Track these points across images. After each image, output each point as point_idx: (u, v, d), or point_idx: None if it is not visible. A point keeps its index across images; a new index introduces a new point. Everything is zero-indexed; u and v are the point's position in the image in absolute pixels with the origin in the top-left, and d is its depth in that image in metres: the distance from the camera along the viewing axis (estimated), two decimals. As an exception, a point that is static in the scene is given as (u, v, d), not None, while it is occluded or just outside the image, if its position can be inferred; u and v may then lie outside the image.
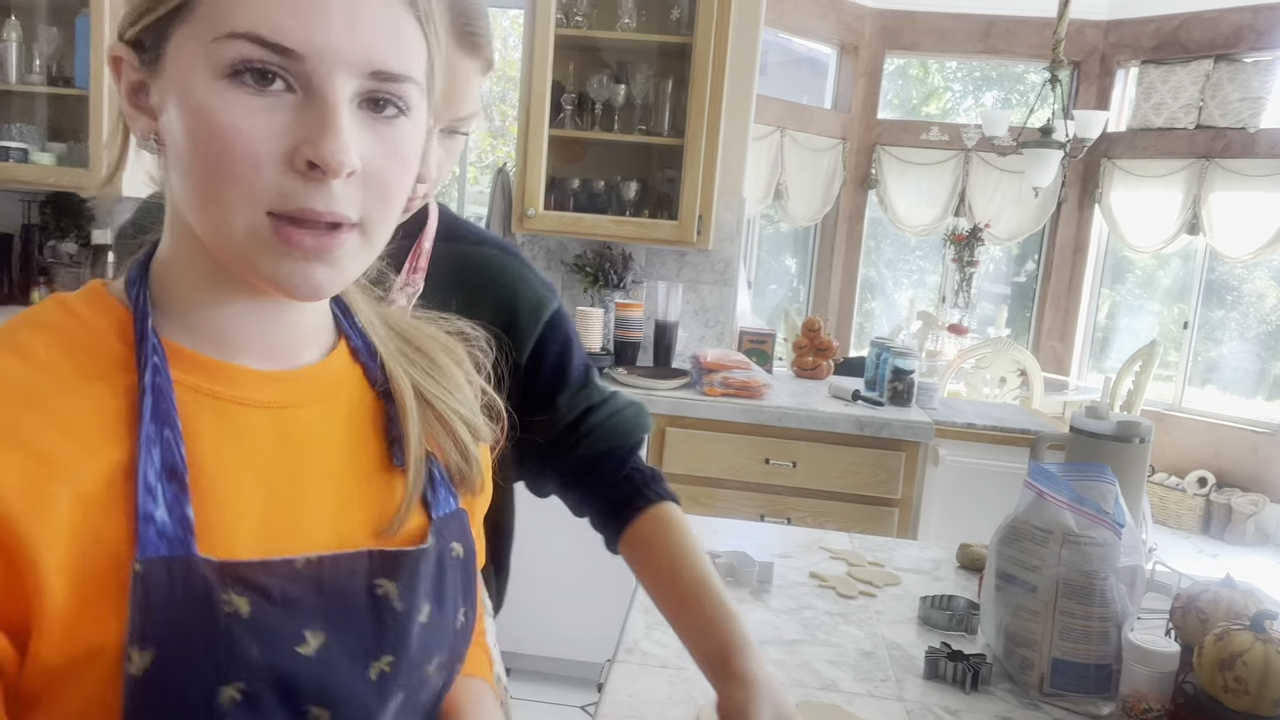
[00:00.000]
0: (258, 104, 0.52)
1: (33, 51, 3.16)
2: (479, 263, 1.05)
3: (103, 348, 0.57)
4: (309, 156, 0.53)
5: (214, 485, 0.57)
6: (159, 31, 0.54)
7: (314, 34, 0.52)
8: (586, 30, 3.02)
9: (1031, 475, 1.16)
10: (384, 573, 0.61)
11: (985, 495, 2.73)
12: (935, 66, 7.39)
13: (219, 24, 0.52)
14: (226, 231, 0.55)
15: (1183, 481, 5.76)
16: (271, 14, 0.51)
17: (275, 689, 0.55)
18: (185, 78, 0.53)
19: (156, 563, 0.52)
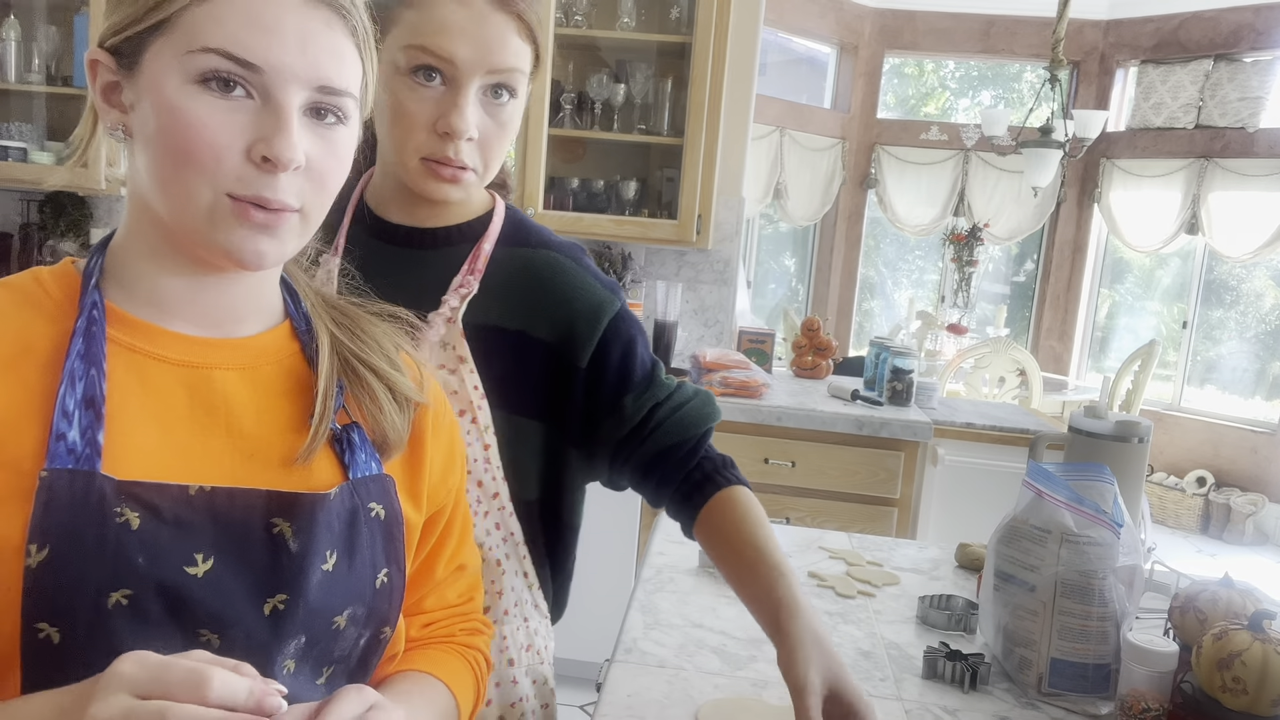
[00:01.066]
0: (221, 105, 0.64)
1: (32, 51, 3.16)
2: (538, 267, 1.05)
3: (51, 305, 0.67)
4: (264, 152, 0.64)
5: (115, 419, 0.65)
6: (138, 42, 0.64)
7: (271, 53, 0.64)
8: (586, 29, 3.02)
9: (1030, 475, 1.16)
10: (280, 513, 0.67)
11: (984, 495, 2.73)
12: (931, 65, 7.39)
13: (193, 40, 0.63)
14: (189, 208, 0.65)
15: (1181, 481, 5.76)
16: (238, 34, 0.63)
17: (162, 602, 0.62)
18: (160, 81, 0.64)
19: (61, 474, 0.61)
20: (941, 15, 6.35)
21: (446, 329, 1.01)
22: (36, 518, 0.60)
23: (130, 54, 0.65)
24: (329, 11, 0.66)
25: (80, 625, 0.60)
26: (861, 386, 2.97)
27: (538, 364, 1.03)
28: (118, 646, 0.59)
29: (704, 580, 1.40)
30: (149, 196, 0.67)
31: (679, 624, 1.24)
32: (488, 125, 0.96)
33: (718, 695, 1.06)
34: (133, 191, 0.70)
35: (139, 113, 0.66)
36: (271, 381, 0.72)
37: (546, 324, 1.03)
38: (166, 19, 0.63)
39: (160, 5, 0.63)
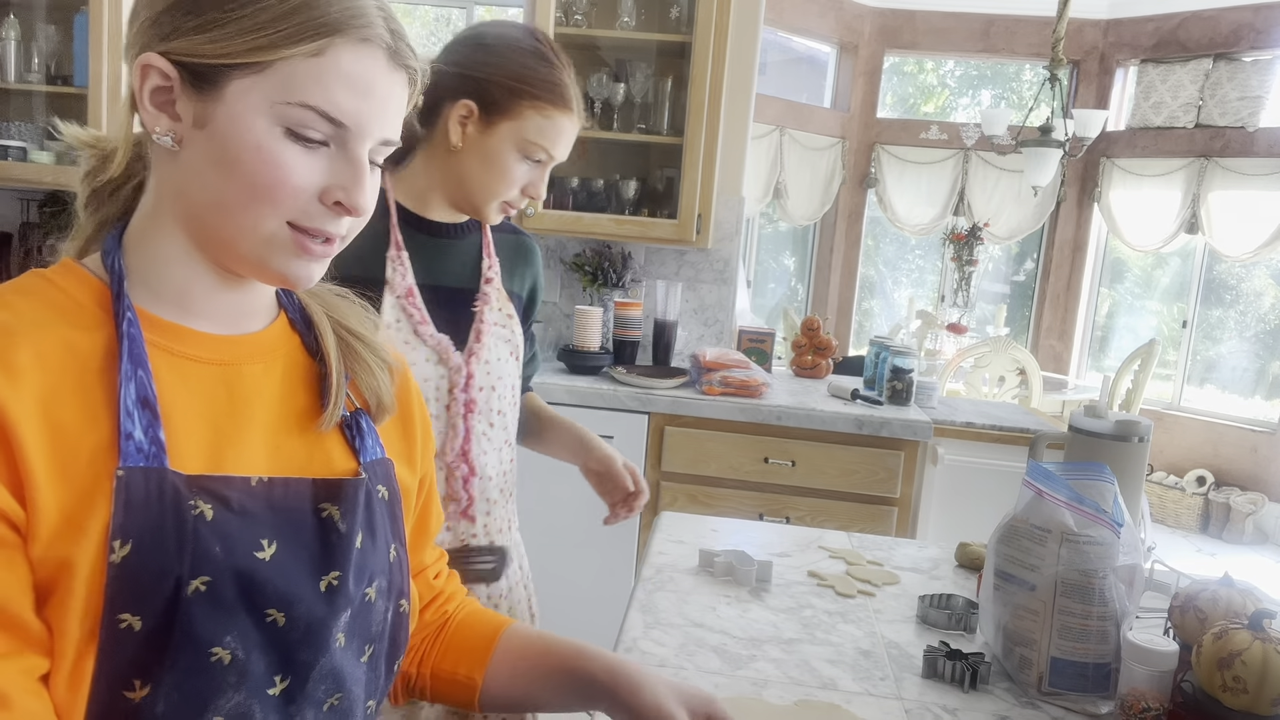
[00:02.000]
0: (304, 153, 0.68)
1: (31, 50, 3.16)
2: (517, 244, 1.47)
3: (80, 309, 0.69)
4: (340, 199, 0.70)
5: (169, 419, 0.69)
6: (222, 72, 0.67)
7: (361, 115, 0.69)
8: (586, 29, 3.02)
9: (1030, 474, 1.16)
10: (327, 498, 0.74)
11: (984, 494, 2.73)
12: (930, 65, 7.39)
13: (291, 92, 0.66)
14: (251, 235, 0.69)
15: (1181, 480, 5.76)
16: (336, 97, 0.67)
17: (236, 586, 0.67)
18: (245, 119, 0.66)
19: (136, 472, 0.64)
20: (941, 15, 6.35)
21: (497, 296, 1.37)
22: (118, 515, 0.63)
23: (208, 79, 0.67)
24: (405, 76, 0.72)
25: (161, 613, 0.64)
26: (861, 386, 2.97)
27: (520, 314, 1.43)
28: (195, 630, 0.65)
29: (704, 580, 1.40)
30: (201, 211, 0.69)
31: (679, 624, 1.24)
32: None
33: (718, 695, 1.06)
34: (168, 196, 0.71)
35: (208, 135, 0.67)
36: (286, 372, 0.78)
37: (522, 283, 1.47)
38: (265, 63, 0.66)
39: (263, 49, 0.66)
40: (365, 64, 0.68)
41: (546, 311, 3.41)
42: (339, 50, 0.67)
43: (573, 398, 2.77)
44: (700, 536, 1.60)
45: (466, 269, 1.36)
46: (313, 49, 0.66)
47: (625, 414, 2.77)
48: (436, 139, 1.29)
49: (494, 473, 1.39)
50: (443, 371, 1.31)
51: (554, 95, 1.29)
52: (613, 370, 2.92)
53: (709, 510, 2.67)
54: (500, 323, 1.37)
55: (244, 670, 0.67)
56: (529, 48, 1.29)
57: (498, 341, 1.37)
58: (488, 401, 1.36)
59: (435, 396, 1.30)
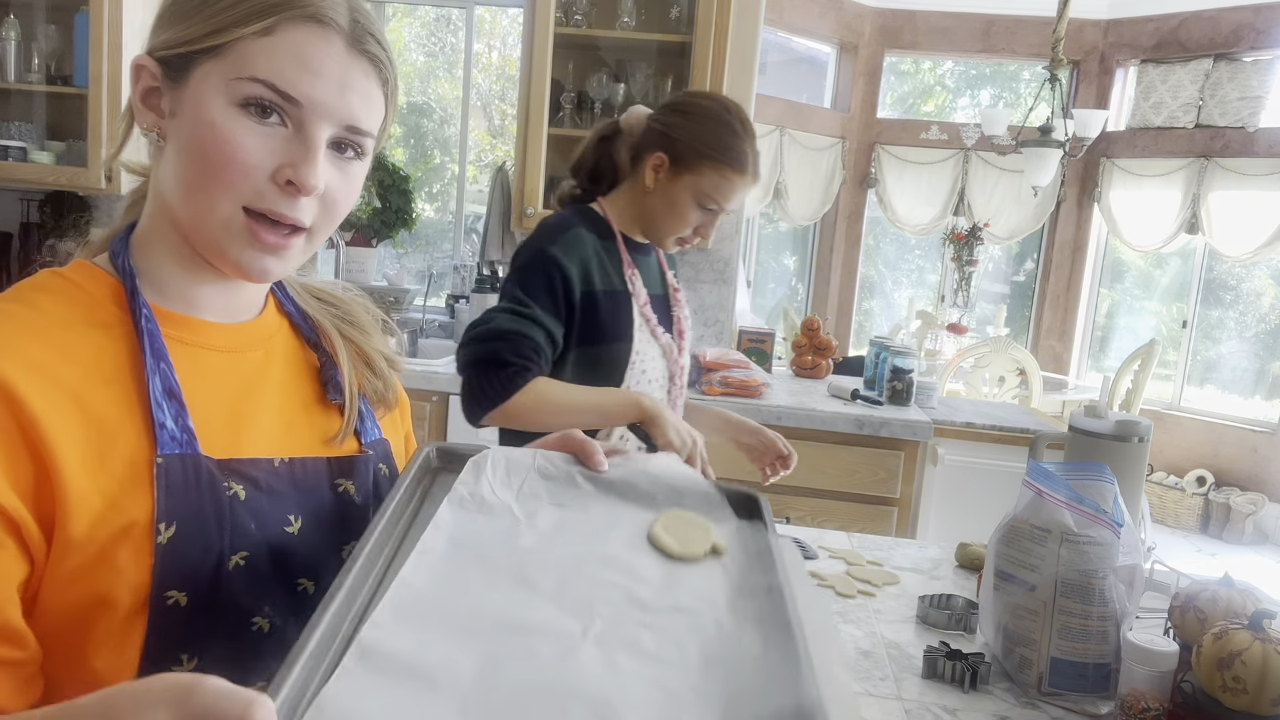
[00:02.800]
0: (257, 129, 0.69)
1: (32, 50, 3.16)
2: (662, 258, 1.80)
3: (98, 305, 0.72)
4: (290, 177, 0.70)
5: (191, 407, 0.72)
6: (189, 60, 0.70)
7: (314, 91, 0.70)
8: (586, 29, 3.02)
9: (1030, 474, 1.16)
10: (342, 474, 0.79)
11: (984, 494, 2.73)
12: (930, 65, 7.39)
13: (243, 68, 0.69)
14: (208, 217, 0.71)
15: (1181, 481, 5.76)
16: (286, 70, 0.69)
17: (271, 560, 0.72)
18: (205, 98, 0.69)
19: (173, 458, 0.69)
20: (941, 15, 6.35)
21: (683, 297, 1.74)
22: (161, 500, 0.67)
23: (179, 68, 0.71)
24: (368, 63, 0.73)
25: (205, 588, 0.68)
26: (861, 386, 2.97)
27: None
28: (238, 602, 0.70)
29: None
30: (171, 200, 0.73)
31: (679, 623, 1.24)
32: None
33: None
34: (156, 193, 0.75)
35: (177, 121, 0.71)
36: (285, 358, 0.82)
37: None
38: (221, 45, 0.69)
39: (219, 32, 0.69)
40: (316, 43, 0.70)
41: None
42: (289, 28, 0.70)
43: (573, 398, 2.77)
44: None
45: (659, 279, 1.71)
46: (262, 27, 0.69)
47: (625, 414, 2.77)
48: (637, 179, 1.61)
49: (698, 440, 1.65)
50: (665, 365, 1.67)
51: (730, 159, 1.56)
52: (613, 370, 2.92)
53: (709, 510, 2.67)
54: (687, 317, 1.73)
55: (281, 637, 0.72)
56: (718, 118, 1.57)
57: (689, 336, 1.74)
58: (683, 386, 1.73)
59: (660, 384, 1.66)
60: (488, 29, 6.29)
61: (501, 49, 6.53)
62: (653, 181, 1.58)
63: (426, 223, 5.24)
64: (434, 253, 5.19)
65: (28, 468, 0.64)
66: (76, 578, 0.65)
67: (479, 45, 6.44)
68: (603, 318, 1.56)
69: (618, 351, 1.57)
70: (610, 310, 1.56)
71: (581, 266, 1.54)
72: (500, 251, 3.33)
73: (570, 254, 1.54)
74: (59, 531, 0.65)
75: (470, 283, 3.50)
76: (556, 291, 1.52)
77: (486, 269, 3.25)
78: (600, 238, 1.60)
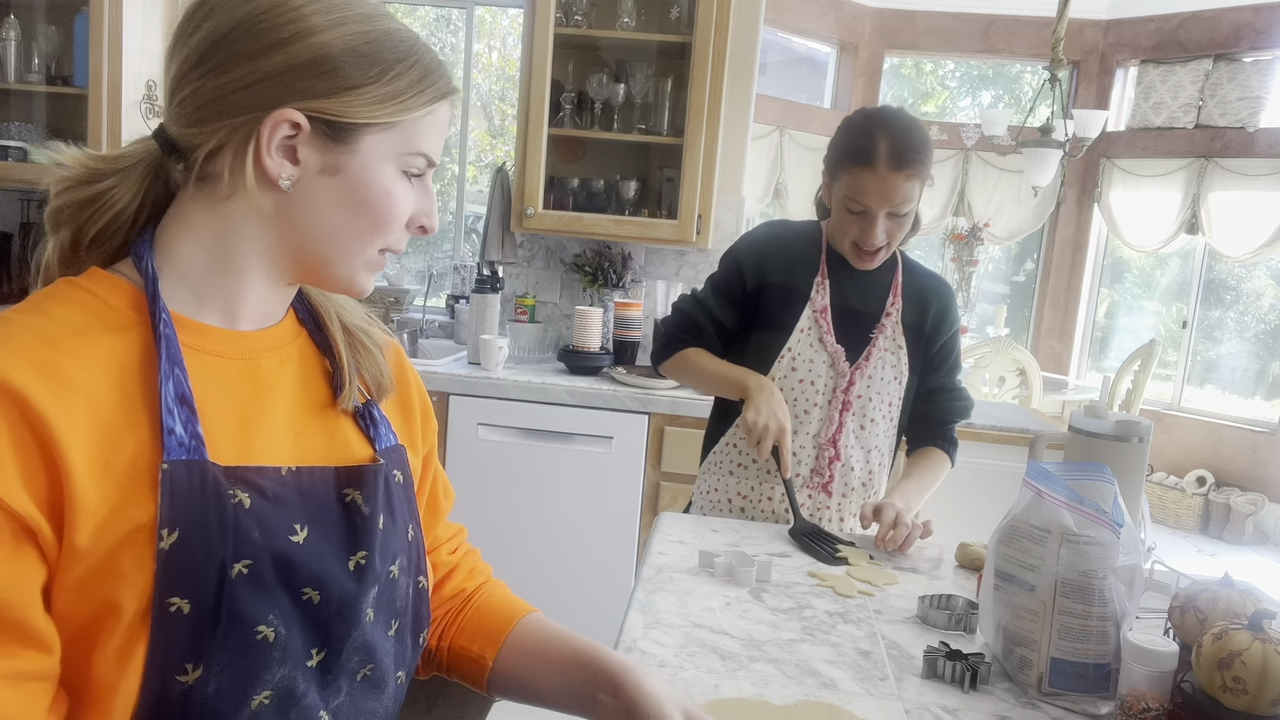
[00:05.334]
0: (409, 188, 0.81)
1: (32, 50, 3.16)
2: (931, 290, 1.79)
3: (113, 313, 0.74)
4: (424, 224, 0.83)
5: (202, 413, 0.73)
6: (361, 129, 0.76)
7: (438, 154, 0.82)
8: (586, 29, 3.02)
9: (1030, 474, 1.16)
10: (350, 484, 0.80)
11: (984, 494, 2.73)
12: (930, 65, 7.39)
13: (414, 143, 0.79)
14: (353, 259, 0.80)
15: (1181, 481, 5.76)
16: (435, 142, 0.81)
17: (275, 568, 0.73)
18: (378, 165, 0.77)
19: (179, 464, 0.69)
20: (941, 15, 6.35)
21: (893, 329, 1.74)
22: (164, 505, 0.68)
23: (345, 134, 0.76)
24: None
25: (208, 595, 0.69)
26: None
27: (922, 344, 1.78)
28: (240, 610, 0.70)
29: (704, 580, 1.40)
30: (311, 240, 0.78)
31: (679, 624, 1.24)
32: (891, 229, 1.63)
33: (718, 695, 1.06)
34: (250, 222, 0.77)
35: (339, 179, 0.77)
36: (299, 363, 0.84)
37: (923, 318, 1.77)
38: (395, 124, 0.78)
39: (398, 113, 0.77)
40: (449, 113, 0.83)
41: (546, 312, 3.41)
42: (444, 107, 0.81)
43: (573, 398, 2.77)
44: (700, 537, 1.60)
45: (875, 299, 1.74)
46: (429, 110, 0.79)
47: (625, 414, 2.77)
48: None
49: (857, 465, 1.76)
50: (832, 374, 1.71)
51: (851, 155, 1.60)
52: (613, 370, 2.93)
53: (709, 510, 2.67)
54: (890, 349, 1.74)
55: (286, 645, 0.73)
56: (848, 122, 1.66)
57: (883, 365, 1.73)
58: (862, 408, 1.73)
59: (823, 390, 1.72)
60: (488, 29, 6.29)
61: (501, 49, 6.53)
62: (827, 198, 1.70)
63: (426, 223, 5.23)
64: (434, 253, 5.18)
65: (41, 475, 0.65)
66: (84, 585, 0.66)
67: (479, 45, 6.44)
68: (770, 308, 1.73)
69: (773, 340, 1.72)
70: (779, 303, 1.72)
71: (758, 261, 1.74)
72: (500, 252, 3.33)
73: (750, 251, 1.76)
74: (67, 538, 0.66)
75: (470, 283, 3.50)
76: (731, 281, 1.76)
77: (486, 269, 3.25)
78: (806, 243, 1.76)
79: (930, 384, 1.81)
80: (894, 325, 1.74)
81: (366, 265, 0.81)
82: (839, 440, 1.73)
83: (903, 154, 1.57)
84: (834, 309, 1.72)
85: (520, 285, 3.42)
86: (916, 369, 1.78)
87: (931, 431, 1.83)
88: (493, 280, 3.12)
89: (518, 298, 3.29)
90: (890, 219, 1.62)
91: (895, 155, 1.56)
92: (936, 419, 1.83)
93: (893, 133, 1.58)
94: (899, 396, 1.77)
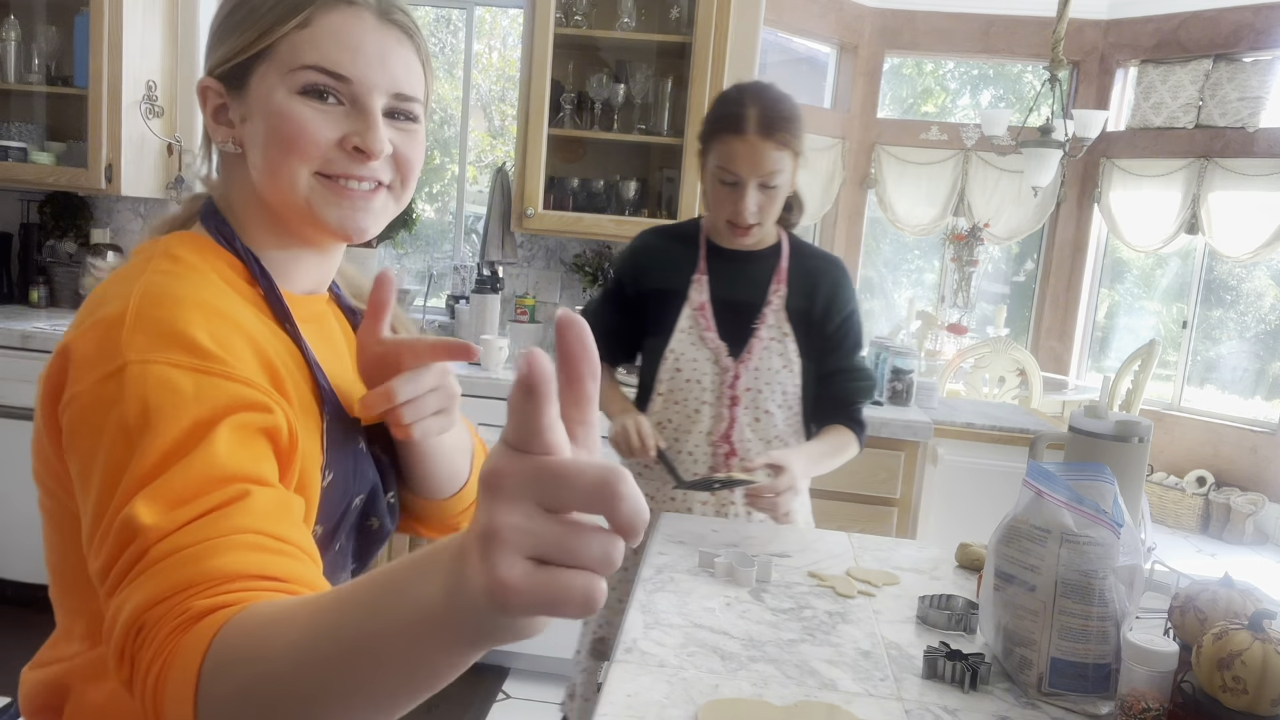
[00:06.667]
0: (319, 110, 0.79)
1: (32, 50, 3.16)
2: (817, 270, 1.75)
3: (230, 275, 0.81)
4: (356, 143, 0.80)
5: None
6: (245, 68, 0.80)
7: (357, 67, 0.79)
8: (586, 30, 3.02)
9: (1030, 475, 1.16)
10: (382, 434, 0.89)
11: (984, 495, 2.73)
12: (930, 65, 7.39)
13: (294, 60, 0.78)
14: (292, 191, 0.80)
15: (1181, 481, 5.76)
16: (330, 53, 0.79)
17: (370, 501, 0.86)
18: (268, 94, 0.79)
19: (334, 415, 0.81)
20: (941, 15, 6.34)
21: (775, 316, 1.71)
22: (326, 451, 0.79)
23: (238, 78, 0.80)
24: (400, 32, 0.82)
25: (337, 523, 0.82)
26: (861, 386, 2.97)
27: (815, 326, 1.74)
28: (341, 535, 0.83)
29: (704, 580, 1.40)
30: (262, 189, 0.82)
31: (679, 624, 1.24)
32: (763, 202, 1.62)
33: (718, 695, 1.06)
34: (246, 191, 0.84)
35: (250, 124, 0.80)
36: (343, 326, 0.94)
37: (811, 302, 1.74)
38: (269, 46, 0.78)
39: (263, 35, 0.78)
40: (351, 23, 0.79)
41: (546, 312, 3.41)
42: (323, 15, 0.79)
43: (573, 398, 2.77)
44: (700, 537, 1.60)
45: (757, 288, 1.72)
46: (300, 20, 0.78)
47: (625, 414, 2.76)
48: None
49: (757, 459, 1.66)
50: (717, 369, 1.70)
51: (722, 125, 1.60)
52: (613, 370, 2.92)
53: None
54: (775, 338, 1.71)
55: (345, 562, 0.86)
56: (720, 97, 1.66)
57: (769, 355, 1.71)
58: (753, 400, 1.71)
59: (711, 388, 1.71)
60: (488, 29, 6.29)
61: (501, 49, 6.53)
62: (702, 177, 1.69)
63: (427, 223, 5.24)
64: (434, 253, 5.18)
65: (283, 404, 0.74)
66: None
67: (479, 45, 6.44)
68: (653, 313, 1.76)
69: (658, 344, 1.74)
70: (659, 307, 1.75)
71: (634, 271, 1.79)
72: (500, 252, 3.33)
73: (625, 261, 1.82)
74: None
75: (470, 283, 3.50)
76: (615, 291, 1.83)
77: (486, 269, 3.25)
78: (683, 243, 1.78)
79: (829, 366, 1.76)
80: (777, 313, 1.72)
81: (311, 196, 0.80)
82: (732, 436, 1.72)
83: (772, 121, 1.58)
84: (714, 304, 1.71)
85: (520, 285, 3.42)
86: (812, 354, 1.75)
87: (836, 414, 1.78)
88: (493, 280, 3.12)
89: (518, 298, 3.29)
90: (762, 191, 1.61)
91: (765, 123, 1.58)
92: (839, 400, 1.78)
93: (762, 102, 1.60)
94: (794, 385, 1.74)
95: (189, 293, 0.73)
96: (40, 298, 3.33)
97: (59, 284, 3.39)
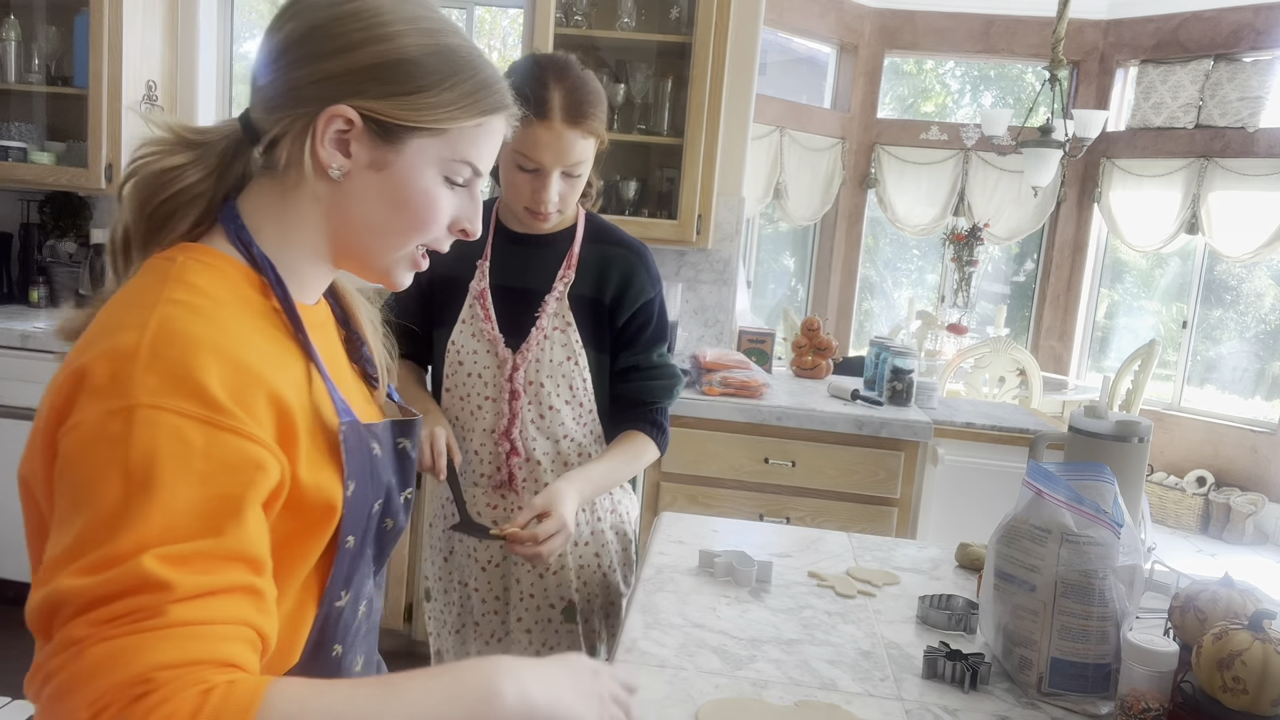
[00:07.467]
0: (450, 192, 0.87)
1: (32, 51, 3.16)
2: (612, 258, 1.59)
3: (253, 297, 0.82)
4: (465, 228, 0.89)
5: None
6: (409, 131, 0.82)
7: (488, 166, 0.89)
8: (586, 30, 3.02)
9: (1030, 475, 1.16)
10: (402, 434, 0.92)
11: (984, 495, 2.73)
12: (930, 65, 7.39)
13: (457, 151, 0.85)
14: (391, 252, 0.87)
15: (1181, 481, 5.76)
16: (484, 155, 0.87)
17: (386, 505, 0.88)
18: (420, 167, 0.83)
19: (348, 425, 0.82)
20: (941, 15, 6.35)
21: (557, 304, 1.56)
22: (346, 460, 0.81)
23: (392, 134, 0.82)
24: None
25: (364, 531, 0.85)
26: (861, 386, 2.97)
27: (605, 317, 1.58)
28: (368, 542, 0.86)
29: (704, 580, 1.40)
30: (357, 230, 0.85)
31: (679, 624, 1.24)
32: (565, 190, 1.50)
33: (718, 695, 1.06)
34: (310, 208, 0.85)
35: (383, 176, 0.83)
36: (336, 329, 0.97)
37: (604, 291, 1.58)
38: (445, 131, 0.83)
39: (445, 121, 0.83)
40: (504, 130, 0.89)
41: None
42: (495, 121, 0.87)
43: (573, 398, 2.77)
44: (700, 537, 1.60)
45: (543, 274, 1.58)
46: (479, 121, 0.85)
47: (625, 414, 2.76)
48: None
49: (544, 458, 1.58)
50: (495, 361, 1.57)
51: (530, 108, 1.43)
52: (613, 370, 2.92)
53: (709, 511, 2.67)
54: (558, 327, 1.56)
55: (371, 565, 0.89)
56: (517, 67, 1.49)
57: (551, 346, 1.56)
58: (536, 394, 1.57)
59: (491, 381, 1.57)
60: (488, 29, 6.29)
61: (502, 49, 6.52)
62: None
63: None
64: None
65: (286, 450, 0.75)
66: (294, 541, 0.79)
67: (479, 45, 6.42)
68: (438, 303, 1.62)
69: (442, 336, 1.61)
70: (444, 296, 1.61)
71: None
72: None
73: None
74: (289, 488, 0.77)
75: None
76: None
77: (486, 269, 3.25)
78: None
79: (624, 361, 1.60)
80: (560, 301, 1.56)
81: (406, 260, 0.87)
82: (513, 433, 1.56)
83: (579, 106, 1.44)
84: (495, 291, 1.57)
85: (520, 285, 3.41)
86: (604, 346, 1.59)
87: (632, 414, 1.61)
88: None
89: (518, 298, 3.28)
90: (565, 179, 1.48)
91: (571, 108, 1.43)
92: (635, 399, 1.60)
93: (568, 84, 1.44)
94: (582, 378, 1.57)
95: (205, 334, 0.73)
96: (40, 298, 3.34)
97: (59, 284, 3.39)
